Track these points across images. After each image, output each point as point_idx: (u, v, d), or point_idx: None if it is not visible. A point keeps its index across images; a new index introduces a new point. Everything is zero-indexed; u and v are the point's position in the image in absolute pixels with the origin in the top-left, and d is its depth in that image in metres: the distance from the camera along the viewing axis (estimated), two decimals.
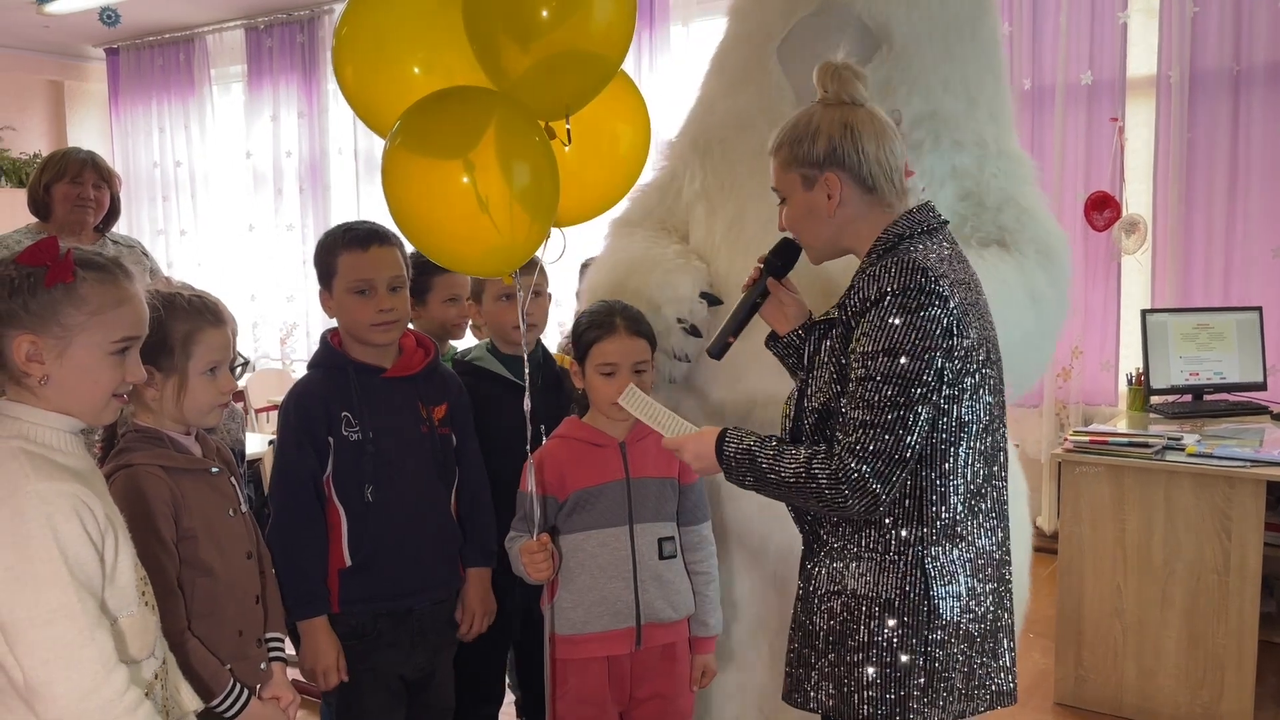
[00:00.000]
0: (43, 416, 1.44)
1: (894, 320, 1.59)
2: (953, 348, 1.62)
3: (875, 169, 1.71)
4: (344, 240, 2.18)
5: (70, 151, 3.39)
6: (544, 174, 1.89)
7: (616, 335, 2.13)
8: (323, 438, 2.12)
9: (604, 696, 2.17)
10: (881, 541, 1.68)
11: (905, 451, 1.59)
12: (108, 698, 1.38)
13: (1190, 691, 3.13)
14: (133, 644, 1.48)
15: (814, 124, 1.72)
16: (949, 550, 1.67)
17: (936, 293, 1.60)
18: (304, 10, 6.06)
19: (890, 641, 1.66)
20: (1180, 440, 3.22)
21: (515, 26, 1.76)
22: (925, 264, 1.62)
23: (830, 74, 1.73)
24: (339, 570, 2.13)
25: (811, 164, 1.71)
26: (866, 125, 1.71)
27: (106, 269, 1.49)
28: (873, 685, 1.67)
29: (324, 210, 6.18)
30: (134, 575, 1.50)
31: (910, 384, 1.58)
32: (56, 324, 1.43)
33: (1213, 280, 4.00)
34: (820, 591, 1.74)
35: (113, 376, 1.48)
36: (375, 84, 1.99)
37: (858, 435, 1.59)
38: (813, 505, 1.67)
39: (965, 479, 1.68)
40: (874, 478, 1.59)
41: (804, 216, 1.76)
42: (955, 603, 1.67)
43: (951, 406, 1.64)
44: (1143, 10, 4.13)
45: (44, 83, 7.01)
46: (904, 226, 1.70)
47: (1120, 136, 4.08)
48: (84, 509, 1.41)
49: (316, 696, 2.50)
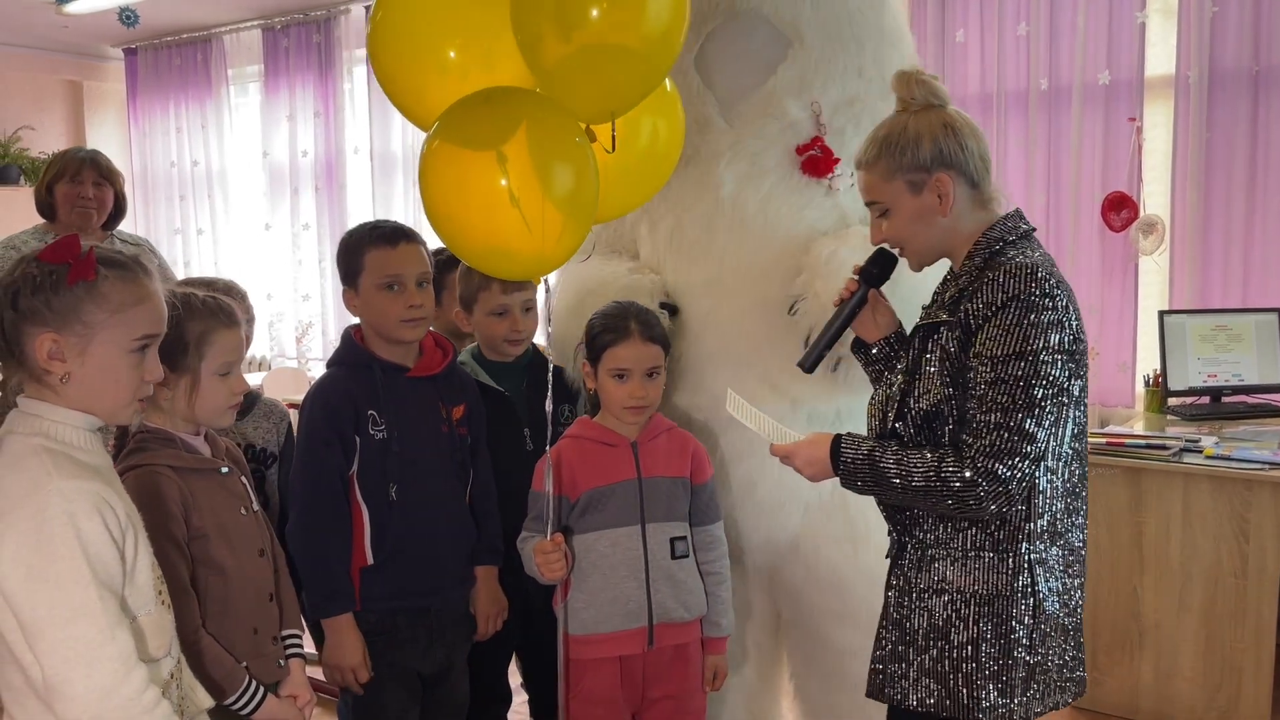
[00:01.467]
0: (64, 414, 1.45)
1: (1024, 324, 1.63)
2: (1074, 350, 1.67)
3: (979, 163, 1.75)
4: (372, 237, 2.18)
5: (71, 151, 3.36)
6: (584, 179, 1.88)
7: (630, 340, 2.13)
8: (350, 436, 2.13)
9: (616, 697, 2.17)
10: (988, 540, 1.72)
11: (1036, 452, 1.63)
12: (127, 696, 1.39)
13: (1207, 695, 3.11)
14: (151, 642, 1.49)
15: (911, 130, 1.74)
16: (1049, 548, 1.72)
17: (1058, 296, 1.66)
18: (320, 10, 6.07)
19: (998, 637, 1.71)
20: (1198, 442, 3.19)
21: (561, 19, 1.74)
22: (1046, 269, 1.67)
23: (912, 81, 1.77)
24: (360, 568, 2.14)
25: (918, 168, 1.73)
26: (962, 123, 1.76)
27: (128, 267, 1.50)
28: (980, 680, 1.71)
29: (340, 210, 6.20)
30: (152, 574, 1.51)
31: (1041, 386, 1.62)
32: (79, 322, 1.44)
33: (1231, 281, 3.96)
34: (919, 589, 1.78)
35: (133, 375, 1.49)
36: (410, 71, 1.97)
37: (991, 438, 1.63)
38: (943, 507, 1.70)
39: (1065, 478, 1.73)
40: (1010, 478, 1.62)
41: (914, 222, 1.77)
42: (1056, 599, 1.74)
43: (1069, 406, 1.69)
44: (1161, 10, 4.10)
45: (63, 83, 7.04)
46: (1002, 231, 1.75)
47: (1138, 137, 4.05)
48: (105, 507, 1.41)
49: (334, 694, 2.51)
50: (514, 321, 2.39)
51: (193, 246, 6.93)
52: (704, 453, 2.27)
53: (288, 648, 1.94)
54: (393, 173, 5.95)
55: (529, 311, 2.42)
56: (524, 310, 2.40)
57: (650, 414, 2.20)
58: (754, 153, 2.34)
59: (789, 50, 2.36)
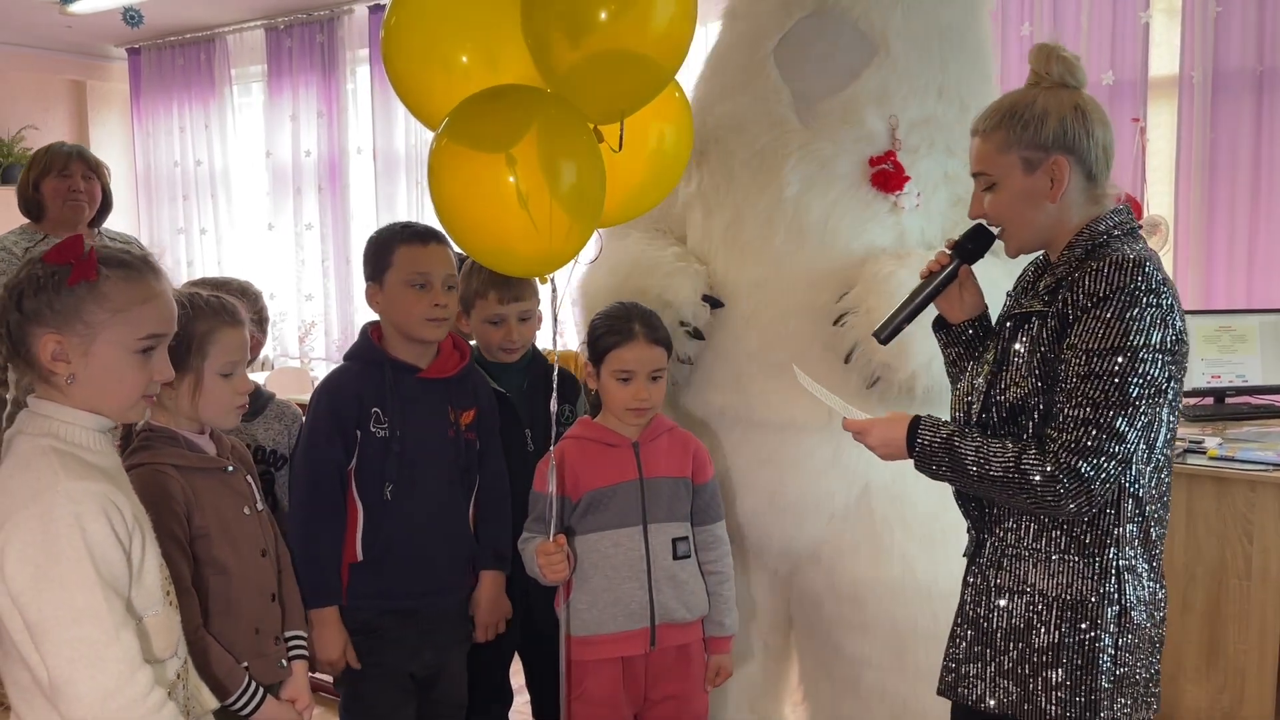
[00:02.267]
0: (72, 415, 1.45)
1: (1123, 318, 1.55)
2: (1176, 351, 1.59)
3: (1101, 156, 1.67)
4: (403, 235, 2.19)
5: (54, 146, 3.32)
6: (590, 177, 1.87)
7: (635, 343, 2.12)
8: (351, 430, 2.13)
9: (618, 697, 2.17)
10: (1074, 543, 1.65)
11: (1125, 452, 1.56)
12: (131, 698, 1.39)
13: (1210, 697, 3.10)
14: (157, 643, 1.49)
15: (1039, 105, 1.65)
16: (1139, 554, 1.65)
17: (1162, 293, 1.57)
18: (324, 10, 6.07)
19: (1082, 644, 1.63)
20: (1202, 443, 3.18)
21: (571, 23, 1.74)
22: (1150, 264, 1.59)
23: (1051, 56, 1.67)
24: (349, 564, 2.15)
25: (1038, 146, 1.64)
26: (1095, 110, 1.67)
27: (132, 266, 1.49)
28: (1061, 686, 1.64)
29: (343, 210, 6.20)
30: (159, 575, 1.51)
31: (1137, 383, 1.54)
32: (80, 322, 1.44)
33: (1235, 282, 3.95)
34: (998, 588, 1.71)
35: (139, 375, 1.48)
36: (424, 75, 1.98)
37: (1078, 433, 1.55)
38: (1019, 501, 1.62)
39: (1153, 484, 1.65)
40: (1094, 477, 1.55)
41: (1019, 201, 1.68)
42: (1144, 608, 1.65)
43: (1163, 408, 1.61)
44: (1164, 10, 4.09)
45: (66, 82, 7.05)
46: (1109, 224, 1.66)
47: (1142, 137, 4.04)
48: (112, 509, 1.41)
49: (335, 694, 2.51)
50: (509, 331, 2.39)
51: (196, 246, 6.93)
52: (705, 452, 2.27)
53: (291, 649, 1.94)
54: (396, 173, 5.94)
55: (525, 322, 2.42)
56: (520, 320, 2.40)
57: (652, 415, 2.20)
58: (826, 157, 2.30)
59: (874, 58, 2.31)
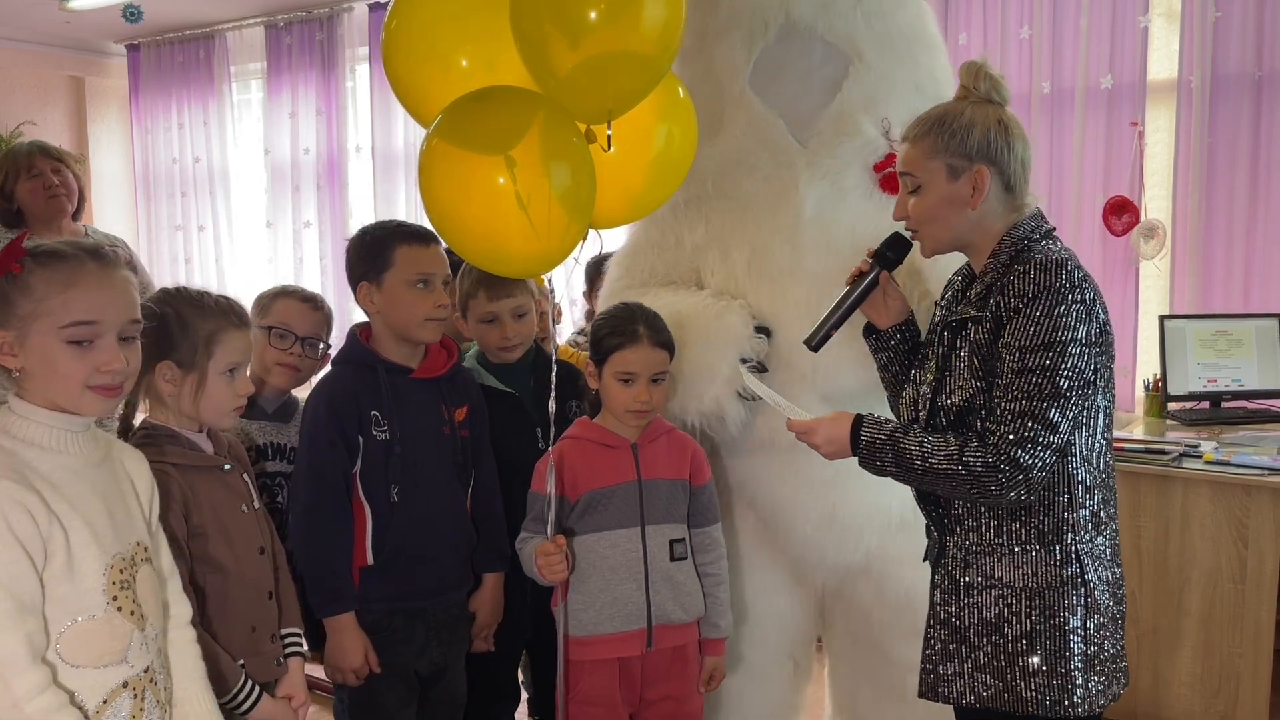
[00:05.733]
0: (29, 410, 1.45)
1: (1051, 316, 1.65)
2: (1101, 342, 1.69)
3: (1020, 169, 1.77)
4: (402, 234, 2.18)
5: (12, 148, 3.28)
6: (581, 175, 1.88)
7: (639, 345, 2.12)
8: (354, 436, 2.13)
9: (615, 698, 2.17)
10: (1033, 533, 1.73)
11: (1059, 441, 1.65)
12: (16, 697, 1.35)
13: (1205, 701, 3.11)
14: (91, 649, 1.44)
15: (967, 116, 1.76)
16: (1095, 538, 1.74)
17: (1085, 289, 1.68)
18: (324, 8, 6.06)
19: (1053, 630, 1.72)
20: (1197, 447, 3.19)
21: (563, 26, 1.74)
22: (1071, 263, 1.69)
23: (979, 73, 1.77)
24: (360, 568, 2.15)
25: (963, 155, 1.75)
26: (1016, 126, 1.77)
27: (59, 255, 1.46)
28: (1038, 673, 1.72)
29: (342, 208, 6.19)
30: (103, 578, 1.46)
31: (1067, 377, 1.64)
32: (14, 316, 1.44)
33: (1232, 286, 3.96)
34: (967, 586, 1.77)
35: (76, 365, 1.45)
36: (424, 78, 1.98)
37: (1014, 425, 1.64)
38: (961, 493, 1.71)
39: (1099, 468, 1.74)
40: (1032, 465, 1.64)
41: (941, 205, 1.78)
42: (1107, 588, 1.75)
43: (1096, 396, 1.70)
44: (1164, 14, 4.09)
45: (65, 79, 7.04)
46: (1027, 228, 1.76)
47: (1140, 141, 4.04)
48: (15, 508, 1.38)
49: (330, 692, 2.51)
50: (504, 329, 2.39)
51: (194, 243, 6.92)
52: (703, 455, 2.27)
53: (287, 646, 1.94)
54: (395, 171, 5.94)
55: (521, 318, 2.41)
56: (515, 317, 2.39)
57: (652, 418, 2.20)
58: (833, 173, 2.33)
59: (850, 68, 2.34)
